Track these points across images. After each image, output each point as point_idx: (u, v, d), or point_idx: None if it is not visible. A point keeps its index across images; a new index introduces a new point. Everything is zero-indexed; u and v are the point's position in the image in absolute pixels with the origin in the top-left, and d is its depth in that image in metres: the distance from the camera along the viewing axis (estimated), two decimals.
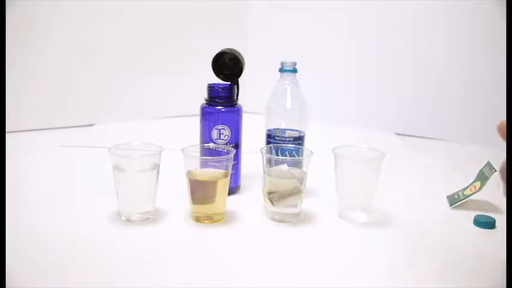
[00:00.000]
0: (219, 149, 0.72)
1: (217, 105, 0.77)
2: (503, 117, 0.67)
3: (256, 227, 0.69)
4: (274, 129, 0.80)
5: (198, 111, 0.78)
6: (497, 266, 0.57)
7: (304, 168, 0.69)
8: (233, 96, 0.78)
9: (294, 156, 0.73)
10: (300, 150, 0.74)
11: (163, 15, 1.42)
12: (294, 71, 0.79)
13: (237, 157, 0.78)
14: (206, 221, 0.69)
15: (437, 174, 0.99)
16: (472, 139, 1.22)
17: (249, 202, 0.77)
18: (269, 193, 0.69)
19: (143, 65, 1.41)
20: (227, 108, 0.77)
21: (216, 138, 0.76)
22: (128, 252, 0.60)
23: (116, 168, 0.67)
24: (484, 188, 0.75)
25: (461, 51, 1.23)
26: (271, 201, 0.68)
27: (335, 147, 0.70)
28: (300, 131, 0.79)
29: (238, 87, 0.78)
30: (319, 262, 0.59)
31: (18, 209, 0.71)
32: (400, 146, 1.25)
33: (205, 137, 0.77)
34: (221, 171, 0.68)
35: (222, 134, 0.76)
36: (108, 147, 0.67)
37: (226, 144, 0.76)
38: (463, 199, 0.76)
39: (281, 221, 0.70)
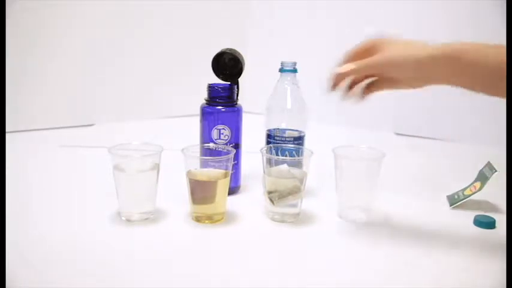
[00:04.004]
0: (219, 149, 0.72)
1: (217, 105, 0.76)
2: (503, 117, 0.67)
3: (256, 227, 0.69)
4: (274, 129, 0.80)
5: (198, 111, 0.78)
6: (497, 266, 0.57)
7: (304, 168, 0.69)
8: (233, 96, 0.78)
9: (294, 156, 0.73)
10: (300, 150, 0.74)
11: (163, 16, 1.42)
12: (294, 71, 0.79)
13: (237, 157, 0.78)
14: (206, 221, 0.69)
15: (437, 174, 0.99)
16: (472, 139, 1.21)
17: (249, 202, 0.77)
18: (269, 192, 0.69)
19: (143, 65, 1.41)
20: (227, 108, 0.77)
21: (216, 138, 0.76)
22: (128, 252, 0.60)
23: (116, 168, 0.67)
24: (484, 188, 0.75)
25: None
26: (272, 201, 0.68)
27: (335, 147, 0.70)
28: (300, 131, 0.79)
29: (238, 87, 0.78)
30: (319, 262, 0.59)
31: (18, 209, 0.71)
32: (400, 146, 1.25)
33: (205, 137, 0.77)
34: (221, 171, 0.68)
35: (222, 134, 0.76)
36: (108, 147, 0.67)
37: (226, 144, 0.76)
38: (463, 199, 0.76)
39: (281, 221, 0.70)
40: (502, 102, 0.56)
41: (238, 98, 0.79)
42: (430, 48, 0.58)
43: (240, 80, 0.79)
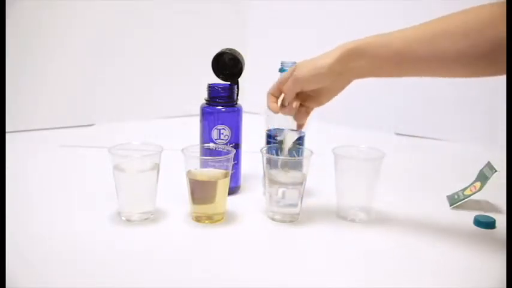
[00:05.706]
0: (219, 149, 0.72)
1: (217, 105, 0.77)
2: (503, 117, 0.67)
3: (256, 227, 0.69)
4: (274, 129, 0.80)
5: (198, 111, 0.78)
6: (497, 266, 0.57)
7: (304, 168, 0.69)
8: (233, 96, 0.78)
9: (294, 156, 0.73)
10: (300, 150, 0.74)
11: (163, 15, 1.42)
12: None
13: (237, 157, 0.78)
14: (206, 221, 0.69)
15: (437, 175, 0.99)
16: (472, 139, 1.22)
17: (249, 202, 0.77)
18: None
19: (143, 65, 1.41)
20: (227, 108, 0.77)
21: (216, 138, 0.76)
22: (128, 253, 0.60)
23: (116, 168, 0.67)
24: (484, 188, 0.75)
25: None
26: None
27: (335, 147, 0.70)
28: (300, 131, 0.79)
29: (238, 87, 0.78)
30: (319, 262, 0.59)
31: (18, 209, 0.71)
32: (400, 146, 1.25)
33: (205, 137, 0.77)
34: (221, 171, 0.68)
35: (222, 134, 0.76)
36: (108, 147, 0.67)
37: (226, 144, 0.76)
38: (463, 199, 0.76)
39: (281, 221, 0.70)
40: (502, 103, 0.56)
41: (238, 98, 0.79)
42: (332, 51, 0.63)
43: (240, 80, 0.79)
